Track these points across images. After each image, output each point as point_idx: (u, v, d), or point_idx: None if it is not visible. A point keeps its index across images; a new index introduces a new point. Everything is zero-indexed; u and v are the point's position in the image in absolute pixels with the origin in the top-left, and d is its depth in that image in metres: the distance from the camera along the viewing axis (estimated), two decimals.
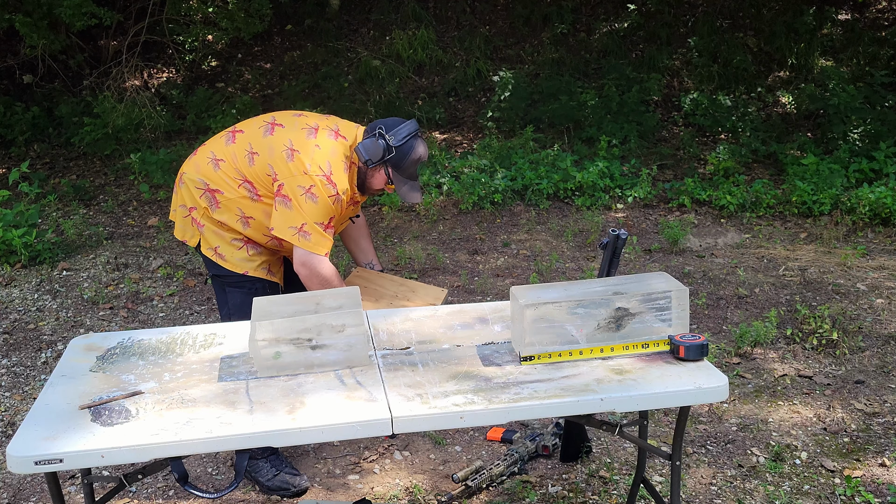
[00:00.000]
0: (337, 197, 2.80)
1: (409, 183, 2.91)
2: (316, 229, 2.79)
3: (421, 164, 2.91)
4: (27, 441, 1.92)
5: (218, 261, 2.93)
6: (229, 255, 2.92)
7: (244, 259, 2.93)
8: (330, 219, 2.81)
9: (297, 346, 2.19)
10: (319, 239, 2.80)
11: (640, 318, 2.24)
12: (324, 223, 2.80)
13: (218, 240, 2.91)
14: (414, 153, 2.87)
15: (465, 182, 6.23)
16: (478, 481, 3.00)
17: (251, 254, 2.93)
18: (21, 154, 7.61)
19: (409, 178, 2.90)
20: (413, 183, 2.92)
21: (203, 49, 8.88)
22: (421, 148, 2.88)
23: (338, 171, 2.82)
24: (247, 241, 2.92)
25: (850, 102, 7.16)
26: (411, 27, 8.89)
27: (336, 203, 2.81)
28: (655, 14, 9.01)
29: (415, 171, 2.89)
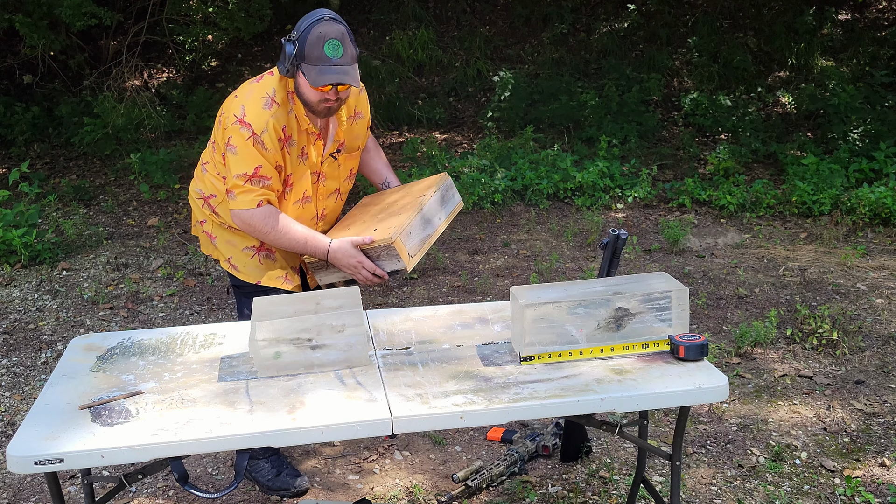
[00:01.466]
0: (255, 137, 2.54)
1: (317, 68, 2.50)
2: (238, 186, 2.57)
3: (330, 44, 2.49)
4: (27, 441, 1.92)
5: (232, 271, 2.85)
6: (242, 264, 2.83)
7: (256, 268, 2.82)
8: (256, 168, 2.56)
9: (297, 346, 2.19)
10: (243, 194, 2.57)
11: (640, 318, 2.24)
12: (247, 174, 2.56)
13: (230, 250, 2.84)
14: (312, 34, 2.49)
15: (465, 182, 6.23)
16: (478, 481, 3.00)
17: (263, 262, 2.83)
18: (21, 154, 7.61)
19: (317, 62, 2.49)
20: (322, 66, 2.50)
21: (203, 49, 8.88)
22: (323, 27, 2.49)
23: (253, 111, 2.57)
24: (258, 248, 2.81)
25: (850, 102, 7.17)
26: (411, 27, 8.89)
27: (257, 145, 2.55)
28: (655, 14, 9.02)
29: (321, 51, 2.49)
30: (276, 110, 2.59)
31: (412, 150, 7.21)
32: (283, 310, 2.24)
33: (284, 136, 2.62)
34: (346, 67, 2.52)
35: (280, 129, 2.60)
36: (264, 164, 2.58)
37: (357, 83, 2.59)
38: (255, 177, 2.58)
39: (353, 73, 2.55)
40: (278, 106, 2.60)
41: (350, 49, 2.53)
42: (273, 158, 2.60)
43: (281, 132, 2.60)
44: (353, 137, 2.85)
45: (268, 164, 2.59)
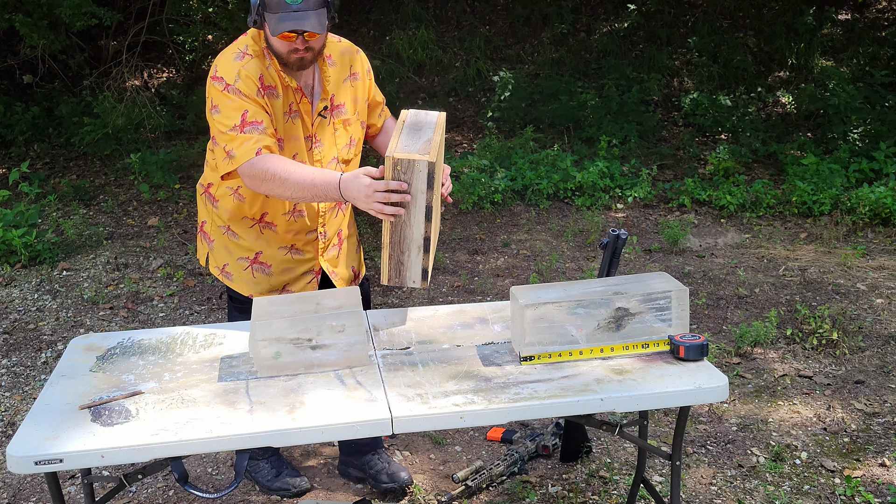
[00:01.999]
0: (230, 87, 2.44)
1: (276, 15, 2.38)
2: (232, 140, 2.42)
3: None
4: (27, 441, 1.92)
5: (226, 281, 2.76)
6: (236, 274, 2.73)
7: (249, 282, 2.72)
8: (242, 114, 2.42)
9: (297, 346, 2.19)
10: (240, 146, 2.42)
11: (640, 318, 2.24)
12: (235, 124, 2.42)
13: (226, 257, 2.73)
14: None
15: (465, 182, 6.23)
16: (478, 481, 3.00)
17: (256, 276, 2.72)
18: (21, 154, 7.61)
19: (276, 9, 2.38)
20: (281, 14, 2.37)
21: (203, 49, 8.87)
22: None
23: (224, 65, 2.48)
24: (251, 261, 2.71)
25: (850, 102, 7.16)
26: (411, 27, 8.88)
27: (234, 94, 2.43)
28: (655, 14, 9.01)
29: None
30: (247, 61, 2.48)
31: None
32: (283, 310, 2.24)
33: (262, 85, 2.48)
34: (308, 13, 2.37)
35: (256, 78, 2.46)
36: (250, 109, 2.43)
37: (318, 28, 2.40)
38: (244, 124, 2.43)
39: (316, 18, 2.39)
40: (251, 57, 2.49)
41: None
42: (258, 103, 2.45)
43: (257, 81, 2.46)
44: (351, 101, 2.67)
45: (253, 107, 2.44)
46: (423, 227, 2.30)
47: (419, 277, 2.36)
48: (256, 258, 2.71)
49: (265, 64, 2.50)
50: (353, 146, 2.73)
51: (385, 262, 2.36)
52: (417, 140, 2.37)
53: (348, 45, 2.71)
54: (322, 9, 2.42)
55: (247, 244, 2.71)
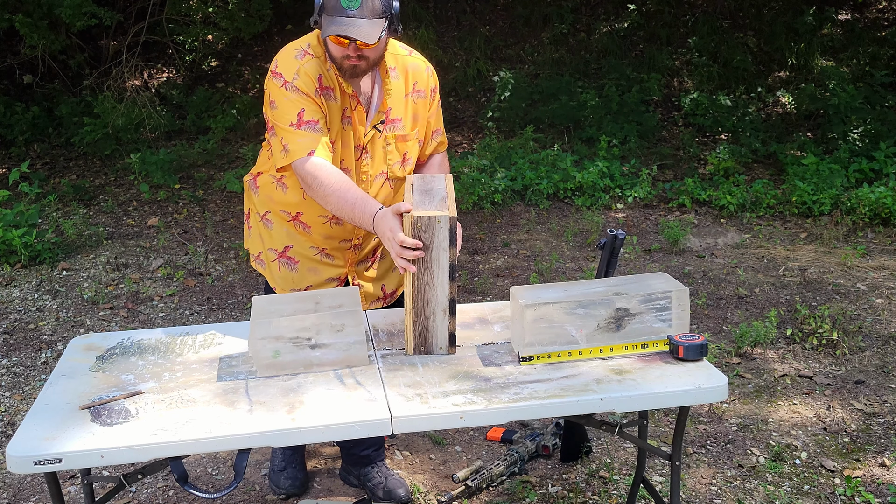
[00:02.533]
0: (287, 84, 2.41)
1: (331, 18, 2.33)
2: (290, 135, 2.41)
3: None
4: (27, 441, 1.92)
5: (259, 268, 2.73)
6: (267, 263, 2.69)
7: (275, 275, 2.68)
8: (299, 112, 2.41)
9: (296, 345, 2.19)
10: (296, 142, 2.40)
11: (640, 319, 2.24)
12: (294, 122, 2.41)
13: (260, 245, 2.70)
14: None
15: (465, 182, 6.23)
16: (478, 481, 3.00)
17: (281, 270, 2.66)
18: (21, 154, 7.61)
19: (332, 11, 2.32)
20: (335, 17, 2.32)
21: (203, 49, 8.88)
22: None
23: (284, 61, 2.45)
24: (279, 254, 2.66)
25: (850, 102, 7.17)
26: (411, 27, 8.89)
27: (292, 91, 2.41)
28: (655, 14, 9.02)
29: (337, 2, 2.31)
30: (308, 60, 2.44)
31: None
32: (283, 308, 2.24)
33: (321, 85, 2.44)
34: (360, 21, 2.30)
35: (314, 77, 2.43)
36: (307, 107, 2.41)
37: (368, 38, 2.31)
38: (301, 122, 2.40)
39: (369, 27, 2.31)
40: (312, 57, 2.45)
41: (372, 2, 2.31)
42: (315, 102, 2.42)
43: (316, 81, 2.43)
44: (414, 117, 2.61)
45: (311, 105, 2.41)
46: (447, 288, 2.23)
47: (446, 343, 2.28)
48: (285, 251, 2.66)
49: (326, 65, 2.46)
50: (406, 164, 2.64)
51: (409, 330, 2.26)
52: (432, 199, 2.31)
53: (418, 61, 2.62)
54: (379, 19, 2.34)
55: (278, 236, 2.66)
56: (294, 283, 2.68)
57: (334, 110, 2.48)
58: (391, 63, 2.54)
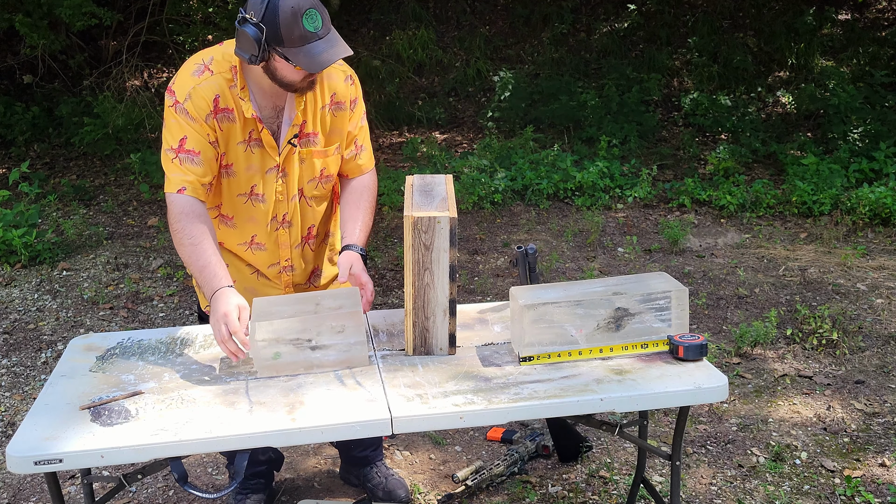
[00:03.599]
0: (177, 105, 2.26)
1: (303, 48, 2.16)
2: (168, 164, 2.28)
3: (308, 16, 2.15)
4: (27, 441, 1.92)
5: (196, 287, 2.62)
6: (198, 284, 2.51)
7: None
8: (181, 140, 2.26)
9: (296, 346, 2.19)
10: (172, 174, 2.28)
11: (640, 319, 2.24)
12: (173, 147, 2.27)
13: None
14: (282, 11, 2.13)
15: (465, 182, 6.23)
16: (478, 481, 3.00)
17: None
18: (21, 154, 7.61)
19: (301, 41, 2.16)
20: (310, 45, 2.16)
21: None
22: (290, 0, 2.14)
23: (181, 79, 2.29)
24: None
25: (850, 102, 7.16)
26: (411, 27, 8.88)
27: (181, 114, 2.26)
28: (655, 14, 9.01)
29: (302, 29, 2.14)
30: (206, 78, 2.28)
31: (412, 150, 7.21)
32: (283, 310, 2.24)
33: (216, 107, 2.28)
34: (332, 36, 2.19)
35: (210, 98, 2.27)
36: (189, 135, 2.26)
37: (348, 51, 2.21)
38: (181, 150, 2.26)
39: (339, 41, 2.21)
40: (211, 74, 2.29)
41: (325, 12, 2.19)
42: (201, 130, 2.27)
43: (211, 102, 2.27)
44: (332, 131, 2.44)
45: (194, 134, 2.26)
46: (447, 289, 2.22)
47: (446, 344, 2.28)
48: None
49: (228, 84, 2.29)
50: (323, 182, 2.49)
51: (409, 331, 2.26)
52: (432, 199, 2.29)
53: (336, 70, 2.42)
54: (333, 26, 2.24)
55: None
56: None
57: (234, 132, 2.33)
58: None
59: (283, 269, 2.56)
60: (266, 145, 2.37)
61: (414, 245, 2.17)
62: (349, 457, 3.04)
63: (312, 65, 2.18)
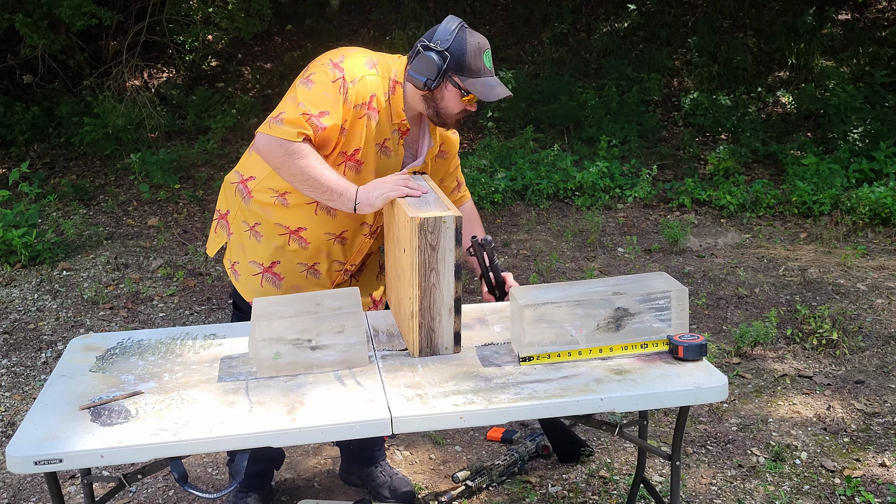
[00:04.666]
0: (342, 82, 2.33)
1: (481, 80, 2.37)
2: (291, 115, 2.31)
3: (487, 54, 2.38)
4: (27, 441, 1.92)
5: (232, 277, 2.63)
6: (244, 276, 2.60)
7: (255, 289, 2.57)
8: (321, 112, 2.32)
9: (296, 346, 2.19)
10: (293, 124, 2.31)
11: (640, 318, 2.24)
12: (311, 113, 2.31)
13: (239, 255, 2.60)
14: (469, 45, 2.34)
15: None
16: (478, 481, 3.00)
17: (264, 286, 2.57)
18: (21, 154, 7.61)
19: (480, 73, 2.37)
20: (487, 79, 2.38)
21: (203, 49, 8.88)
22: (474, 36, 2.37)
23: (353, 62, 2.38)
24: (264, 269, 2.56)
25: (850, 102, 7.17)
26: (411, 27, 8.88)
27: (340, 90, 2.33)
28: (655, 14, 9.02)
29: (481, 63, 2.36)
30: (374, 74, 2.40)
31: None
32: (283, 310, 2.24)
33: (369, 103, 2.39)
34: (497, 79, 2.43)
35: (370, 93, 2.38)
36: (333, 113, 2.33)
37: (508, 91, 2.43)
38: (317, 117, 2.32)
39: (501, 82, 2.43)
40: (377, 73, 2.41)
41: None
42: (346, 114, 2.35)
43: (368, 96, 2.38)
44: (433, 171, 2.65)
45: (338, 115, 2.34)
46: (453, 288, 2.21)
47: (451, 343, 2.28)
48: (271, 267, 2.57)
49: (384, 89, 2.42)
50: None
51: (414, 332, 2.24)
52: (426, 200, 2.29)
53: None
54: None
55: (266, 251, 2.56)
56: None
57: (369, 130, 2.42)
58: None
59: (345, 271, 2.64)
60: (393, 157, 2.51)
61: (420, 246, 2.16)
62: (352, 457, 3.04)
63: (488, 94, 2.38)
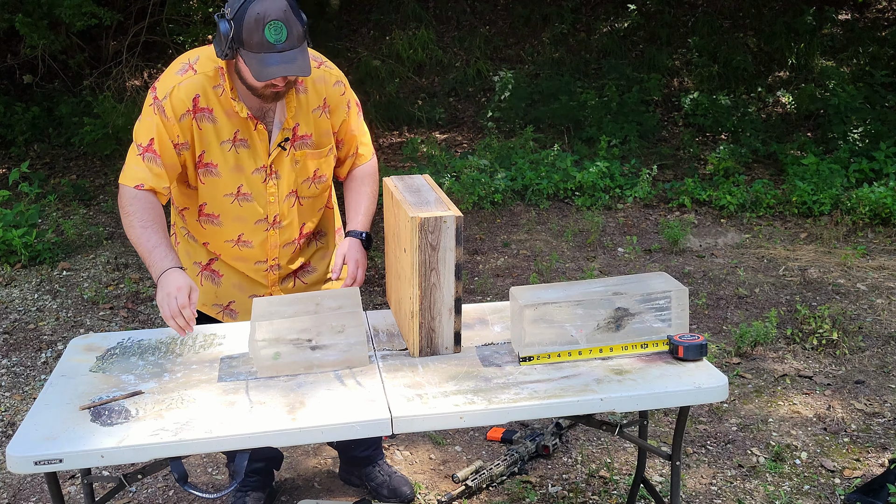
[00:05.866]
0: (156, 103, 2.29)
1: (258, 56, 2.16)
2: (132, 158, 2.31)
3: (271, 26, 2.14)
4: (27, 441, 1.92)
5: None
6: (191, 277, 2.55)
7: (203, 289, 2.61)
8: (150, 140, 2.29)
9: (296, 346, 2.19)
10: (132, 167, 2.30)
11: (640, 318, 2.24)
12: (142, 145, 2.30)
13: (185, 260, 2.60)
14: (249, 15, 2.13)
15: (465, 182, 6.23)
16: (478, 481, 3.00)
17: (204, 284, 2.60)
18: (21, 154, 7.61)
19: (258, 48, 2.15)
20: (265, 55, 2.16)
21: None
22: (260, 5, 2.13)
23: (166, 76, 2.32)
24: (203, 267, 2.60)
25: (850, 102, 7.17)
26: (411, 27, 8.89)
27: (157, 112, 2.28)
28: (655, 14, 9.02)
29: (262, 37, 2.14)
30: (189, 77, 2.29)
31: (412, 150, 7.21)
32: (283, 310, 2.24)
33: (195, 106, 2.30)
34: (293, 53, 2.18)
35: (189, 97, 2.29)
36: (159, 137, 2.29)
37: (307, 71, 2.21)
38: (148, 150, 2.30)
39: (302, 58, 2.20)
40: (194, 73, 2.30)
41: (296, 28, 2.18)
42: (172, 131, 2.29)
43: (190, 102, 2.29)
44: (323, 133, 2.47)
45: (163, 136, 2.29)
46: (453, 288, 2.21)
47: (452, 343, 2.28)
48: (210, 264, 2.59)
49: (211, 83, 2.31)
50: (317, 182, 2.52)
51: (415, 332, 2.24)
52: (426, 199, 2.27)
53: (326, 74, 2.45)
54: (304, 44, 2.22)
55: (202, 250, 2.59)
56: (217, 297, 2.61)
57: (210, 133, 2.34)
58: None
59: (270, 267, 2.58)
60: (254, 146, 2.39)
61: (420, 246, 2.17)
62: (350, 457, 3.04)
63: (259, 74, 2.17)
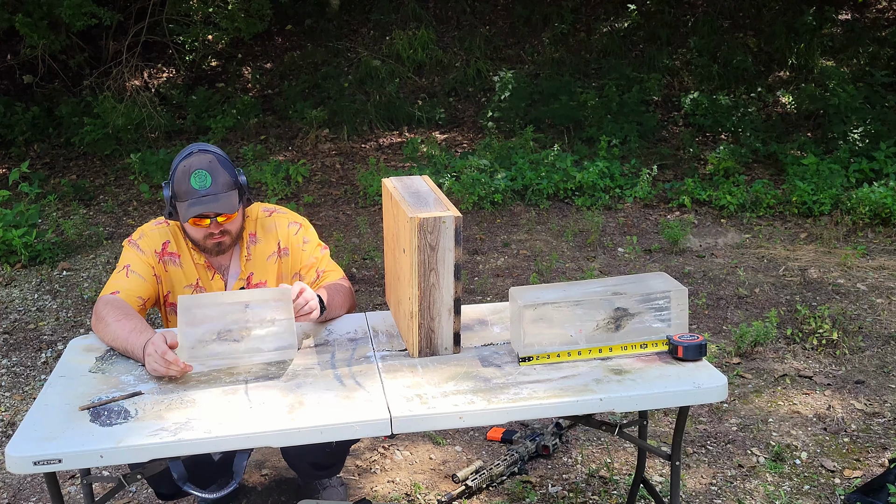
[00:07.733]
0: (131, 241, 2.57)
1: (185, 203, 2.42)
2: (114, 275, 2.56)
3: (196, 175, 2.41)
4: (26, 441, 1.92)
5: None
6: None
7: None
8: (127, 265, 2.54)
9: (222, 339, 2.19)
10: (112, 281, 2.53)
11: (640, 319, 2.24)
12: (121, 267, 2.56)
13: None
14: (179, 170, 2.43)
15: (465, 182, 6.23)
16: (478, 481, 3.00)
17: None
18: (21, 154, 7.61)
19: (185, 196, 2.42)
20: (191, 200, 2.41)
21: (203, 49, 8.88)
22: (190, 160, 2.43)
23: (142, 228, 2.63)
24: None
25: (850, 102, 7.17)
26: (411, 27, 8.89)
27: (133, 247, 2.55)
28: (655, 14, 9.02)
29: (188, 185, 2.40)
30: (161, 227, 2.59)
31: (412, 150, 7.21)
32: (211, 301, 2.25)
33: (164, 249, 2.57)
34: (217, 196, 2.41)
35: (159, 241, 2.57)
36: (135, 262, 2.53)
37: (229, 209, 2.42)
38: (128, 270, 2.53)
39: (227, 200, 2.42)
40: (167, 225, 2.59)
41: (222, 176, 2.42)
42: (148, 261, 2.54)
43: (160, 245, 2.57)
44: (283, 275, 2.65)
45: (140, 262, 2.53)
46: (452, 288, 2.22)
47: (451, 343, 2.29)
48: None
49: (180, 235, 2.58)
50: None
51: (414, 333, 2.25)
52: (425, 200, 2.30)
53: (280, 219, 2.64)
54: (232, 191, 2.45)
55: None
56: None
57: (178, 275, 2.59)
58: (251, 228, 2.62)
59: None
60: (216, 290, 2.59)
61: (420, 246, 2.17)
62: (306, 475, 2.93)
63: (185, 214, 2.41)
